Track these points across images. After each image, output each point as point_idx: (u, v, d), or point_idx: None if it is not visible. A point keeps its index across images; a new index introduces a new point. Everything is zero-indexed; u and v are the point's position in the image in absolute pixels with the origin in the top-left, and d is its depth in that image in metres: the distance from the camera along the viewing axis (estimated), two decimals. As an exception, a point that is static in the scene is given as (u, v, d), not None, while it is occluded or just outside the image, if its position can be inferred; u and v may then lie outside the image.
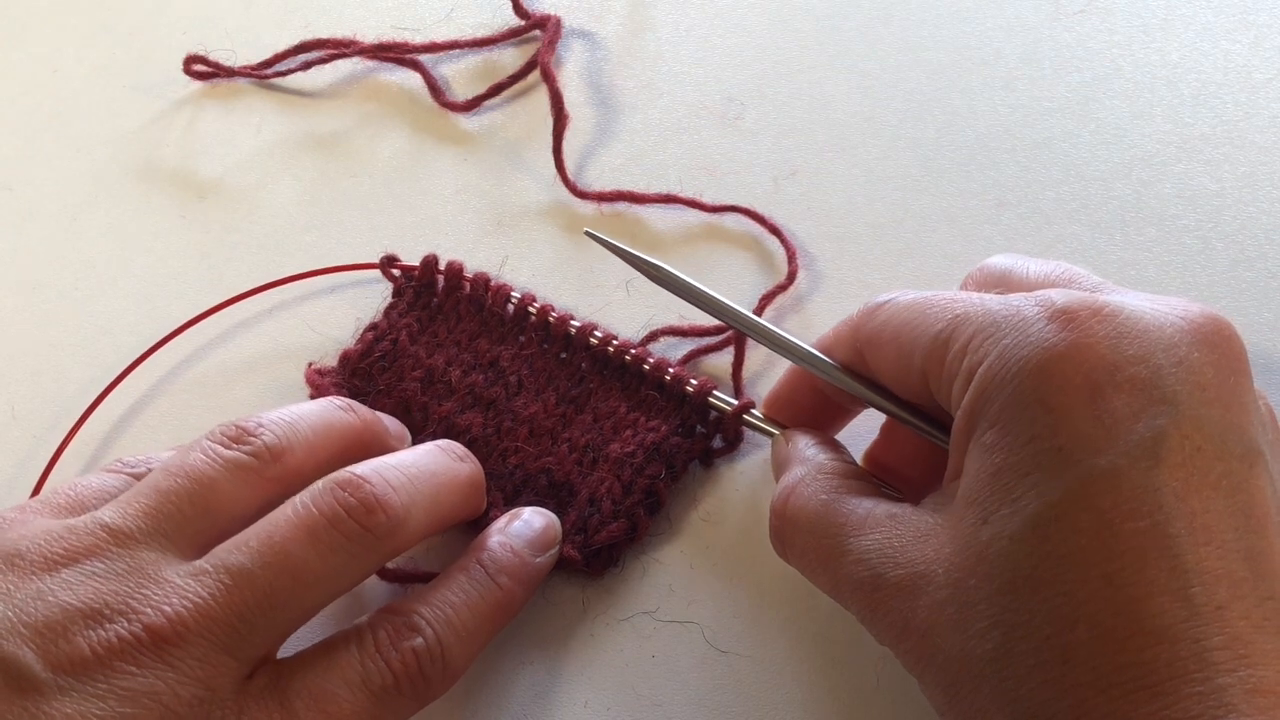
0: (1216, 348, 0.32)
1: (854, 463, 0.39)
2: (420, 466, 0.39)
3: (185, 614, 0.33)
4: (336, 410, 0.41)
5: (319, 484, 0.37)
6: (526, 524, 0.41)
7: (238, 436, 0.38)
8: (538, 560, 0.40)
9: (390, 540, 0.37)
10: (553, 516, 0.42)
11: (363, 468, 0.37)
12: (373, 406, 0.44)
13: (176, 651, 0.33)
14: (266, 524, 0.36)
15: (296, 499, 0.36)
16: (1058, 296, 0.32)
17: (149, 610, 0.33)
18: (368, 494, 0.36)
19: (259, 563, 0.34)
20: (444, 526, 0.41)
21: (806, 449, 0.39)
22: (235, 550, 0.35)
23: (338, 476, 0.37)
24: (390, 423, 0.44)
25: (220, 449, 0.37)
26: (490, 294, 0.47)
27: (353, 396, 0.45)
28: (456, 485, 0.40)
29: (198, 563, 0.35)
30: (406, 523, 0.37)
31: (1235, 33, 0.53)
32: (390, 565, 0.42)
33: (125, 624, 0.33)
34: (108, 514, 0.36)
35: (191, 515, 0.36)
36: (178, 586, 0.34)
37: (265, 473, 0.37)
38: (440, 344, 0.47)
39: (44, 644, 0.32)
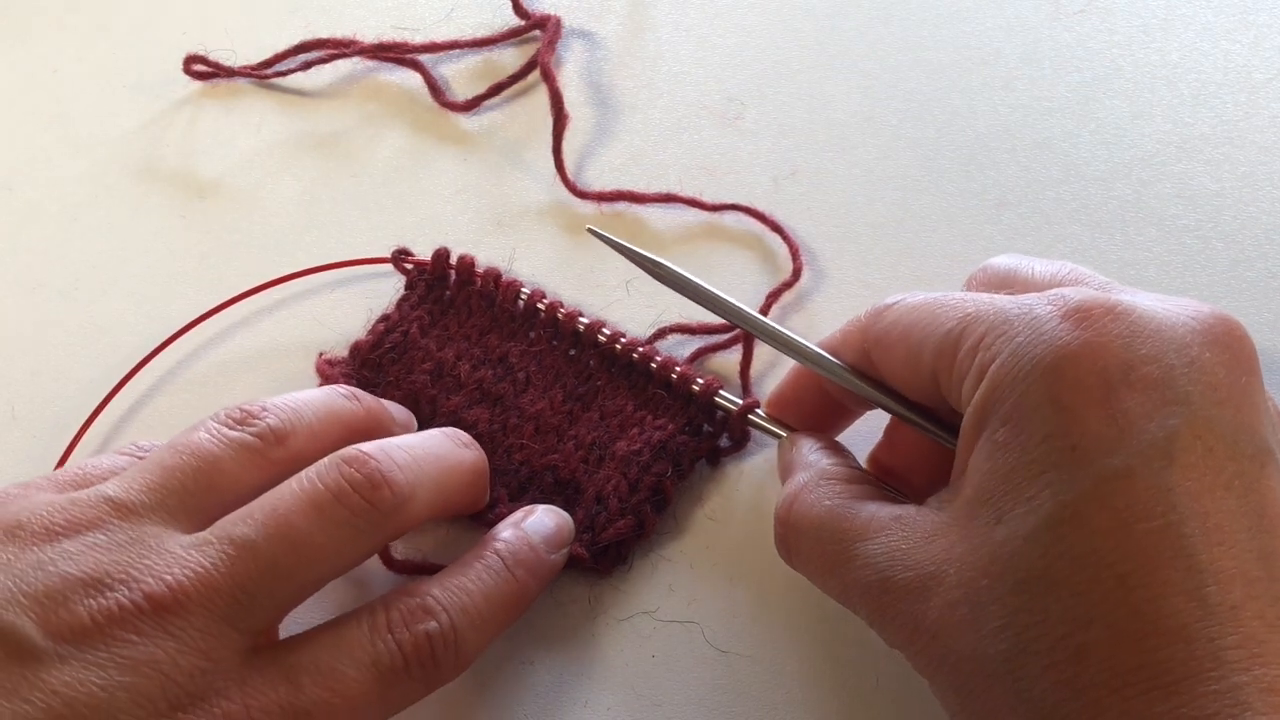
0: (1228, 348, 0.32)
1: (858, 466, 0.39)
2: (426, 449, 0.39)
3: (187, 583, 0.33)
4: (340, 398, 0.41)
5: (325, 460, 0.37)
6: (540, 521, 0.41)
7: (243, 419, 0.38)
8: (552, 557, 0.40)
9: (395, 517, 0.37)
10: (566, 515, 0.42)
11: (369, 446, 0.37)
12: (381, 398, 0.44)
13: (177, 620, 0.33)
14: (271, 497, 0.36)
15: (302, 474, 0.36)
16: (1071, 295, 0.32)
17: (150, 579, 0.33)
18: (373, 470, 0.36)
19: (262, 534, 0.34)
20: (448, 511, 0.41)
21: (810, 454, 0.39)
22: (239, 522, 0.35)
23: (344, 453, 0.37)
24: (396, 410, 0.44)
25: (225, 429, 0.38)
26: (501, 290, 0.47)
27: (362, 388, 0.45)
28: (461, 470, 0.40)
29: (201, 534, 0.35)
30: (411, 501, 0.37)
31: (1235, 33, 0.53)
32: (399, 557, 0.42)
33: (126, 592, 0.33)
34: (111, 487, 0.36)
35: (195, 491, 0.36)
36: (179, 556, 0.34)
37: (269, 455, 0.38)
38: (451, 338, 0.47)
39: (43, 613, 0.32)
